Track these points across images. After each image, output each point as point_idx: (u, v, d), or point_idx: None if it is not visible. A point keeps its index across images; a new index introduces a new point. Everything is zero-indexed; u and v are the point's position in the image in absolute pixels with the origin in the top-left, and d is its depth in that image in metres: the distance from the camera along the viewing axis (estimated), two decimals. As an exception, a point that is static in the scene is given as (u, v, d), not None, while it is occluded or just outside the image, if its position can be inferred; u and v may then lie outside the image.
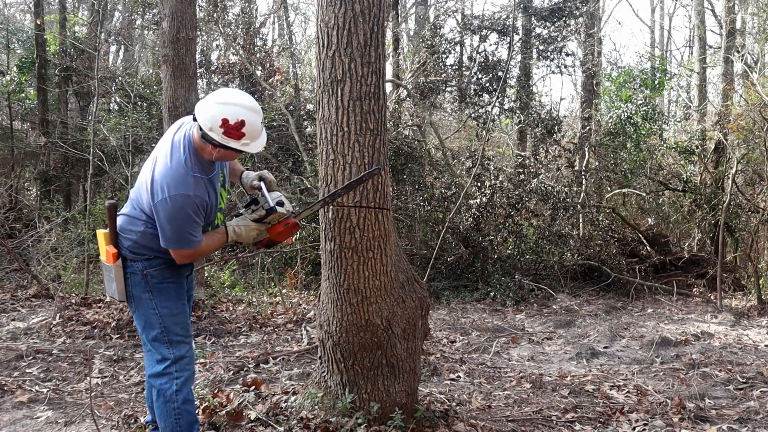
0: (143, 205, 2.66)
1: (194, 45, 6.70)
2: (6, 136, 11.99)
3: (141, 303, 2.70)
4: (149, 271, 2.68)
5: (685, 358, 5.17)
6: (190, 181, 2.54)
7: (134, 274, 2.68)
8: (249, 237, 2.72)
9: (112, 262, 2.67)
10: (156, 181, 2.56)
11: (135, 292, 2.70)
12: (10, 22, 15.54)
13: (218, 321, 6.18)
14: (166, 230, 2.56)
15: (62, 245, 8.37)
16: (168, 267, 2.70)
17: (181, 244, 2.60)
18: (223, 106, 2.55)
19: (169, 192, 2.51)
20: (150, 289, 2.69)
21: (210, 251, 2.75)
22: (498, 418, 3.60)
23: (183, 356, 2.73)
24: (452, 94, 12.10)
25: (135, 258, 2.68)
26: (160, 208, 2.54)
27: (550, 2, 12.19)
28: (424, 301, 3.29)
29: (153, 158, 2.67)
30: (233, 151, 2.61)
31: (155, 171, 2.58)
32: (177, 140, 2.64)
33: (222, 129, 2.52)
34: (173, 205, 2.51)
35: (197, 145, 2.62)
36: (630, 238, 9.97)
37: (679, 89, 17.00)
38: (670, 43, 24.28)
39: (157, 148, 2.72)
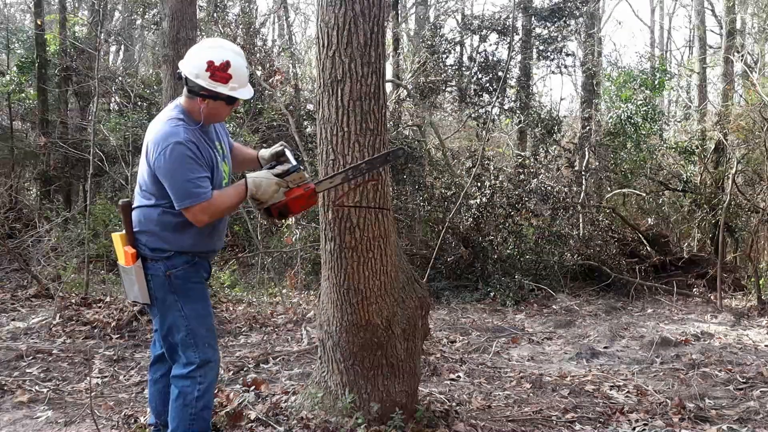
0: (149, 184, 2.57)
1: (194, 45, 6.71)
2: (6, 136, 11.99)
3: (165, 305, 2.60)
4: (172, 272, 2.57)
5: (685, 359, 5.17)
6: (180, 130, 2.47)
7: (156, 276, 2.57)
8: (268, 192, 2.57)
9: (131, 263, 2.56)
10: (151, 144, 2.50)
11: (158, 294, 2.58)
12: (10, 22, 15.54)
13: (218, 321, 6.18)
14: (172, 185, 2.45)
15: (62, 245, 8.36)
16: (191, 267, 2.61)
17: (191, 197, 2.44)
18: (207, 49, 2.53)
19: (163, 144, 2.44)
20: (174, 290, 2.58)
21: (228, 206, 2.58)
22: (498, 418, 3.59)
23: (209, 360, 2.63)
24: (452, 94, 12.10)
25: (155, 257, 2.57)
26: (160, 165, 2.44)
27: (550, 2, 12.20)
28: (424, 301, 3.29)
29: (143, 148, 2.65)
30: (222, 104, 2.56)
31: (149, 139, 2.54)
32: (165, 109, 2.64)
33: (208, 73, 2.47)
34: (170, 155, 2.42)
35: (186, 107, 2.58)
36: (630, 238, 9.97)
37: (679, 89, 17.01)
38: (670, 43, 24.30)
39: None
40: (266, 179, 2.58)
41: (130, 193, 9.82)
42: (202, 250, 2.66)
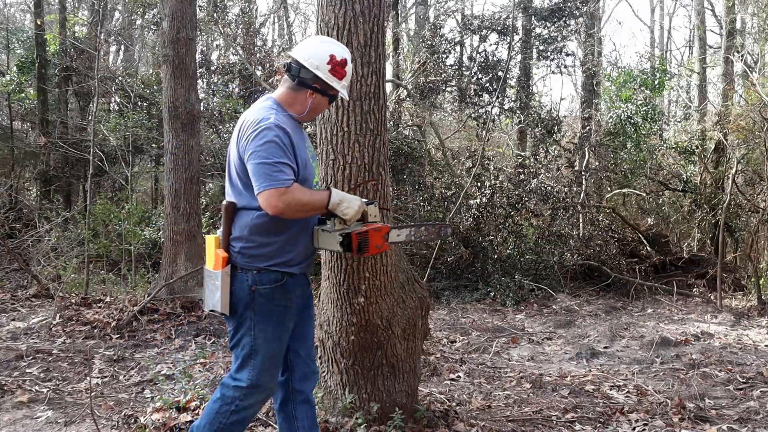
0: (243, 181, 2.39)
1: (194, 45, 6.72)
2: (6, 136, 12.00)
3: (241, 319, 2.43)
4: (258, 288, 2.39)
5: (685, 358, 5.17)
6: (272, 115, 2.36)
7: (241, 286, 2.40)
8: (352, 209, 2.41)
9: (220, 267, 2.39)
10: (242, 129, 2.37)
11: (238, 306, 2.42)
12: (10, 22, 15.54)
13: (218, 321, 6.18)
14: (254, 169, 2.28)
15: (62, 245, 8.37)
16: (279, 287, 2.42)
17: (269, 179, 2.24)
18: (328, 43, 2.49)
19: (253, 127, 2.31)
20: (254, 307, 2.41)
21: (306, 202, 2.34)
22: (498, 418, 3.60)
23: (258, 386, 2.46)
24: (452, 94, 12.10)
25: (246, 266, 2.40)
26: (248, 149, 2.31)
27: (550, 2, 12.20)
28: (424, 301, 3.29)
29: (230, 145, 2.50)
30: (326, 101, 2.50)
31: (240, 127, 2.40)
32: (256, 103, 2.52)
33: (329, 66, 2.42)
34: (258, 137, 2.29)
35: (283, 99, 2.49)
36: (630, 238, 9.97)
37: (679, 89, 17.02)
38: (670, 43, 24.30)
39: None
40: (351, 196, 2.45)
41: (130, 193, 9.84)
42: (290, 265, 2.45)
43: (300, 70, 2.44)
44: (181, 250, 6.49)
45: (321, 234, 2.46)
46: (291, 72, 2.46)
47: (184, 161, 6.50)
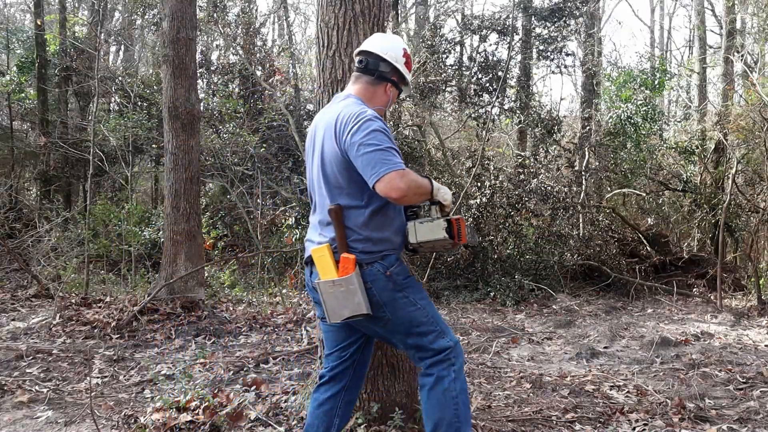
0: (347, 180, 2.32)
1: (194, 45, 6.72)
2: (6, 136, 12.01)
3: (397, 305, 2.35)
4: (392, 270, 2.35)
5: (685, 358, 5.17)
6: (365, 107, 2.35)
7: (376, 279, 2.32)
8: (448, 196, 2.43)
9: (351, 270, 2.27)
10: (338, 126, 2.29)
11: (384, 297, 2.33)
12: (10, 22, 15.54)
13: (218, 321, 6.18)
14: (365, 158, 2.21)
15: (62, 245, 8.37)
16: (401, 262, 2.43)
17: (386, 164, 2.19)
18: (397, 39, 2.59)
19: (354, 120, 2.26)
20: (400, 287, 2.36)
21: (419, 185, 2.30)
22: (498, 418, 3.59)
23: (456, 341, 2.42)
24: (452, 94, 12.10)
25: (371, 260, 2.33)
26: (353, 140, 2.23)
27: (550, 2, 12.21)
28: (424, 301, 3.29)
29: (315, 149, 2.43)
30: (396, 92, 2.57)
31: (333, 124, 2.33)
32: (333, 102, 2.48)
33: (404, 59, 2.52)
34: (363, 127, 2.24)
35: (362, 94, 2.46)
36: (630, 238, 9.98)
37: (679, 89, 17.03)
38: (670, 43, 24.31)
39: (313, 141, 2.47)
40: (440, 185, 2.46)
41: (130, 193, 9.85)
42: (399, 248, 2.47)
43: (379, 64, 2.47)
44: (181, 250, 6.50)
45: (422, 226, 2.41)
46: (368, 66, 2.48)
47: (184, 161, 6.50)
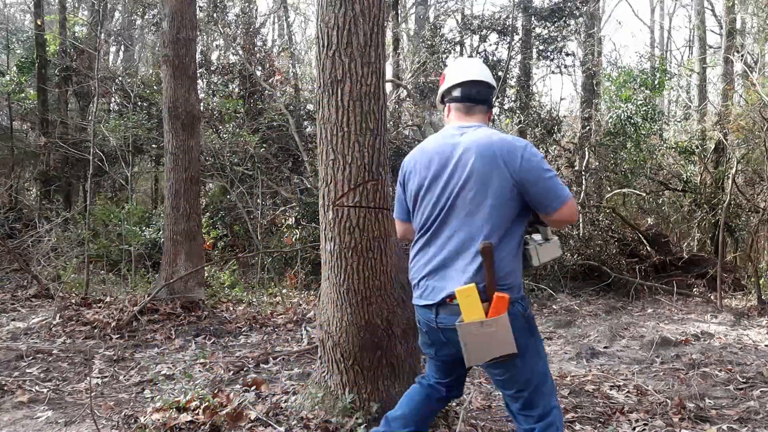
0: (504, 209, 2.20)
1: (194, 45, 6.71)
2: (6, 136, 12.01)
3: (528, 351, 2.23)
4: (527, 313, 2.26)
5: (685, 358, 5.17)
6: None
7: (516, 320, 2.18)
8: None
9: (504, 310, 2.14)
10: (506, 155, 2.19)
11: (521, 340, 2.18)
12: (10, 22, 15.55)
13: (218, 321, 6.18)
14: (547, 185, 2.18)
15: (62, 245, 8.37)
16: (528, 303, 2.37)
17: (565, 190, 2.21)
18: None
19: (521, 149, 2.20)
20: (532, 332, 2.27)
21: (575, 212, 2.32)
22: (498, 418, 3.59)
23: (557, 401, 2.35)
24: (452, 94, 12.08)
25: (515, 298, 2.21)
26: (531, 167, 2.17)
27: (550, 2, 12.21)
28: (424, 301, 3.29)
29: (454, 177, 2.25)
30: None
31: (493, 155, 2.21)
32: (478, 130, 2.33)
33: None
34: (535, 155, 2.20)
35: (486, 122, 2.44)
36: (630, 238, 9.97)
37: (679, 89, 17.02)
38: (670, 43, 24.30)
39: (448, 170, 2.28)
40: None
41: (130, 193, 9.85)
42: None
43: (490, 92, 2.44)
44: (181, 250, 6.49)
45: (542, 248, 2.37)
46: (482, 96, 2.41)
47: (184, 161, 6.49)
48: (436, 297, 2.24)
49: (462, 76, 2.41)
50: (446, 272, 2.24)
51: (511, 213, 2.21)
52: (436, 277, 2.27)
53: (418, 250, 2.36)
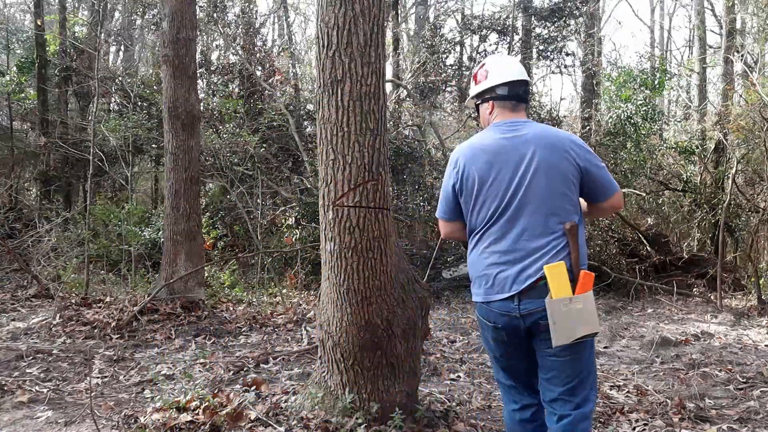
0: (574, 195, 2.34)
1: (194, 45, 6.71)
2: (6, 136, 12.01)
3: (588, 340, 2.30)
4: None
5: (685, 358, 5.17)
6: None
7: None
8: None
9: (590, 287, 2.25)
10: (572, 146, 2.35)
11: None
12: (10, 22, 15.55)
13: (218, 321, 6.18)
14: (604, 174, 2.41)
15: (62, 245, 8.37)
16: None
17: (614, 180, 2.47)
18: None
19: (579, 140, 2.42)
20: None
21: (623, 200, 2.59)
22: (498, 418, 3.60)
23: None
24: (452, 94, 12.10)
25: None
26: (591, 158, 2.37)
27: (550, 2, 12.21)
28: (424, 301, 3.29)
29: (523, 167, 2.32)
30: None
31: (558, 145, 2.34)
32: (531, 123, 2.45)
33: None
34: (590, 150, 2.41)
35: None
36: (630, 238, 9.97)
37: (679, 89, 17.02)
38: (670, 43, 24.30)
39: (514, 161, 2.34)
40: None
41: (130, 193, 9.85)
42: None
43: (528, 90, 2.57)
44: (181, 250, 6.49)
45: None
46: (528, 95, 2.56)
47: (184, 161, 6.49)
48: (520, 285, 2.27)
49: (508, 75, 2.49)
50: (528, 258, 2.28)
51: (577, 199, 2.37)
52: (518, 266, 2.29)
53: (489, 243, 2.36)
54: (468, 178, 2.38)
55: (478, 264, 2.38)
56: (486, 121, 2.52)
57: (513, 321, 2.31)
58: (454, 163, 2.45)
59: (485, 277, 2.35)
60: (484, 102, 2.52)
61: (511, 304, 2.29)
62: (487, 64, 2.56)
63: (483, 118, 2.55)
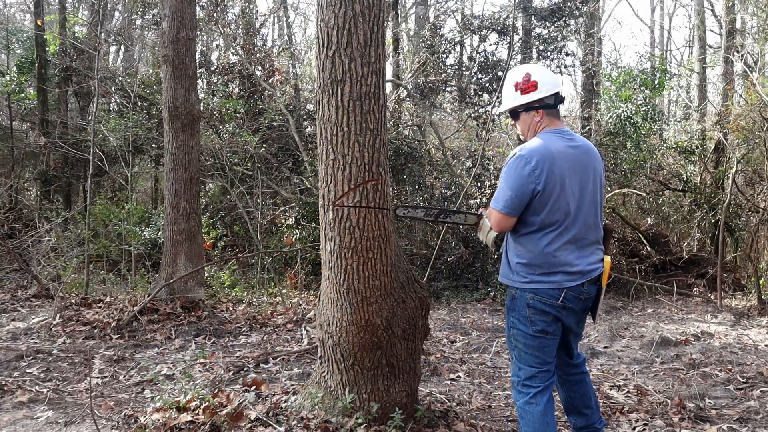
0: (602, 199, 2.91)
1: (194, 45, 6.71)
2: (6, 136, 12.00)
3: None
4: None
5: (685, 358, 5.17)
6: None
7: None
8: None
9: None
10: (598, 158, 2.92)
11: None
12: (10, 22, 15.54)
13: (218, 321, 6.18)
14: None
15: (62, 245, 8.37)
16: None
17: None
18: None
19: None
20: None
21: None
22: (498, 418, 3.60)
23: None
24: (452, 94, 12.10)
25: None
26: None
27: (550, 2, 12.20)
28: (424, 301, 3.29)
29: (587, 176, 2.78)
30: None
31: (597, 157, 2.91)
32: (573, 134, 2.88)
33: None
34: None
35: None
36: (630, 238, 9.97)
37: (679, 89, 17.01)
38: (670, 43, 24.32)
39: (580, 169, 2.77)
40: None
41: (130, 193, 9.85)
42: None
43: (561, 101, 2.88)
44: (181, 250, 6.49)
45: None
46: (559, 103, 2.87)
47: (184, 161, 6.50)
48: (593, 273, 2.72)
49: (555, 86, 2.83)
50: (592, 252, 2.75)
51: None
52: (590, 258, 2.74)
53: (565, 238, 2.68)
54: (549, 180, 2.63)
55: (551, 256, 2.68)
56: (531, 127, 2.83)
57: (579, 303, 2.73)
58: (533, 165, 2.64)
59: (563, 267, 2.68)
60: (531, 110, 2.81)
61: (582, 289, 2.70)
62: (532, 74, 2.81)
63: (527, 124, 2.84)
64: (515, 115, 2.87)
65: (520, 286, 2.71)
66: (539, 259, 2.67)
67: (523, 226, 2.71)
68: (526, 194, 2.64)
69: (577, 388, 2.96)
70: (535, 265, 2.68)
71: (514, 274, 2.75)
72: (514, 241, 2.76)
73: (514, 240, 2.76)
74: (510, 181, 2.65)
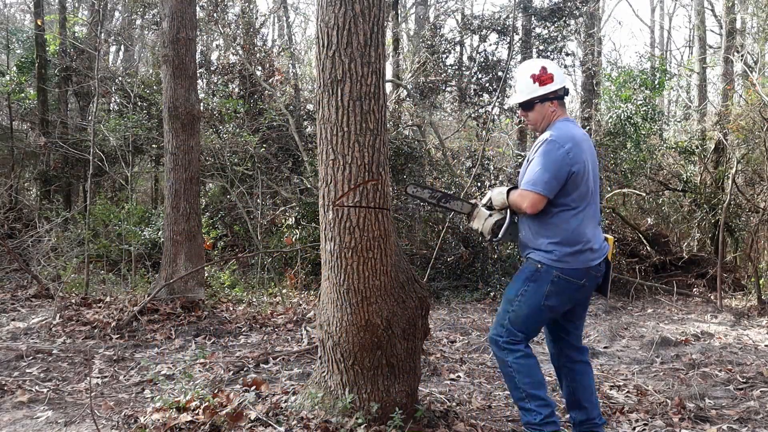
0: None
1: (194, 45, 6.71)
2: (6, 136, 12.00)
3: None
4: None
5: (685, 358, 5.17)
6: None
7: None
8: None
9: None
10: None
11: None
12: (10, 22, 15.54)
13: (218, 321, 6.18)
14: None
15: (62, 245, 8.37)
16: None
17: None
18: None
19: None
20: None
21: None
22: (498, 418, 3.60)
23: None
24: (452, 94, 12.10)
25: None
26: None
27: (550, 2, 12.20)
28: (424, 301, 3.29)
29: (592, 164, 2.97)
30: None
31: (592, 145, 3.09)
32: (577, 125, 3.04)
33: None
34: None
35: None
36: (630, 238, 9.97)
37: (679, 89, 17.01)
38: (670, 43, 24.33)
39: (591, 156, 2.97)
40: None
41: (130, 193, 9.85)
42: None
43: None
44: (181, 250, 6.49)
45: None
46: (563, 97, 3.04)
47: (184, 161, 6.49)
48: (605, 250, 2.96)
49: (565, 78, 3.03)
50: (600, 230, 2.99)
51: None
52: (600, 237, 2.98)
53: (587, 218, 2.90)
54: (579, 164, 2.84)
55: (580, 235, 2.87)
56: (546, 117, 2.99)
57: (593, 281, 2.96)
58: (567, 149, 2.83)
59: (589, 243, 2.88)
60: (546, 101, 2.98)
61: (600, 267, 2.94)
62: (548, 68, 2.99)
63: (542, 115, 2.99)
64: (530, 106, 3.00)
65: (550, 263, 2.85)
66: (571, 238, 2.85)
67: (554, 207, 2.85)
68: (562, 176, 2.80)
69: (580, 379, 3.06)
70: (566, 244, 2.84)
71: (543, 252, 2.88)
72: (545, 222, 2.88)
73: (545, 221, 2.88)
74: (547, 164, 2.79)
